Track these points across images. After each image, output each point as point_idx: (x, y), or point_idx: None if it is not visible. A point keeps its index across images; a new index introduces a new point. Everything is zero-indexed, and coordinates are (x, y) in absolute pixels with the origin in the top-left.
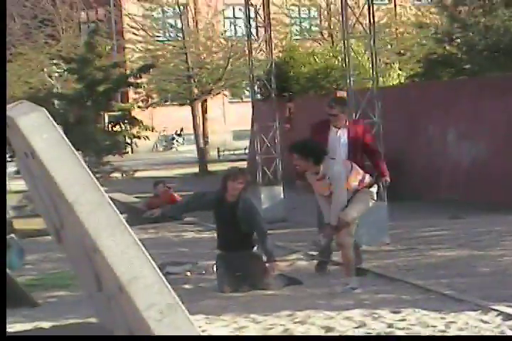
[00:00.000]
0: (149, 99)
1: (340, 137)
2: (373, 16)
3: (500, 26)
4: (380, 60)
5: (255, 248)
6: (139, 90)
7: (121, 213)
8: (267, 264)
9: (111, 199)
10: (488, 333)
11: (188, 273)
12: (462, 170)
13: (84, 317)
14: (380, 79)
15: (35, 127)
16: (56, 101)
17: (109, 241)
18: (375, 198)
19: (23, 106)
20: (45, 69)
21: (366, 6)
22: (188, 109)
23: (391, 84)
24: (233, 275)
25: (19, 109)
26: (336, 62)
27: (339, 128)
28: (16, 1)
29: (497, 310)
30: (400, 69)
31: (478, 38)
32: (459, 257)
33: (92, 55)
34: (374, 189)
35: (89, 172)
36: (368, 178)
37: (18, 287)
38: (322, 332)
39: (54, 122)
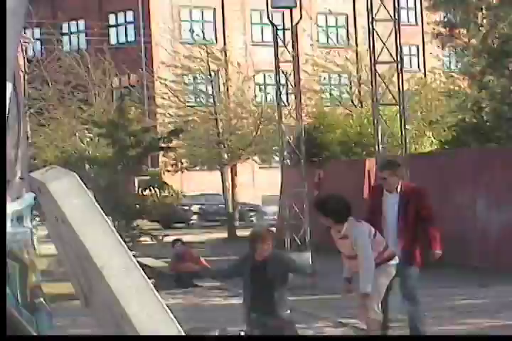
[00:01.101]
0: (179, 164)
1: (392, 202)
2: (402, 84)
3: None
4: (410, 128)
5: (289, 311)
6: (169, 154)
7: (149, 278)
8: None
9: (139, 263)
10: None
11: None
12: (492, 238)
13: None
14: (413, 146)
15: (66, 192)
16: (87, 166)
17: (138, 308)
18: (393, 272)
19: (54, 171)
20: (77, 134)
21: (395, 74)
22: (217, 174)
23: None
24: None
25: (50, 173)
26: (369, 129)
27: (391, 193)
28: (50, 67)
29: None
30: (434, 138)
31: (506, 106)
32: (491, 326)
33: (122, 119)
34: (394, 261)
35: (119, 237)
36: (388, 251)
37: None
38: None
39: (85, 187)
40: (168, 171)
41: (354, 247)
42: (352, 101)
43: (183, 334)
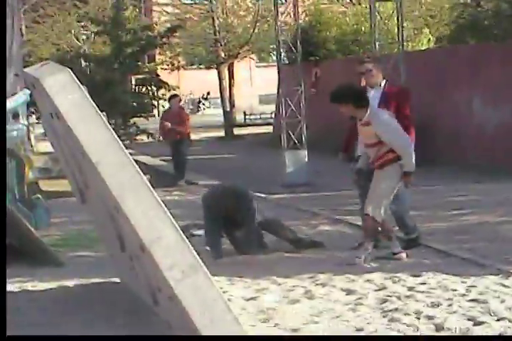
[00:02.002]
0: (175, 62)
1: (373, 97)
2: None
3: None
4: (407, 24)
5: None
6: (166, 53)
7: (145, 174)
8: None
9: (136, 161)
10: (508, 297)
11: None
12: (488, 135)
13: (108, 276)
14: (410, 44)
15: (61, 88)
16: (83, 63)
17: (132, 202)
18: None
19: (48, 67)
20: (72, 31)
21: None
22: (214, 72)
23: (421, 49)
24: None
25: (45, 69)
26: (366, 27)
27: (372, 87)
28: None
29: None
30: (431, 35)
31: (506, 3)
32: (481, 222)
33: (120, 17)
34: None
35: (114, 133)
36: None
37: (44, 246)
38: (343, 295)
39: (79, 83)
40: (165, 69)
41: (379, 134)
42: None
43: (177, 227)
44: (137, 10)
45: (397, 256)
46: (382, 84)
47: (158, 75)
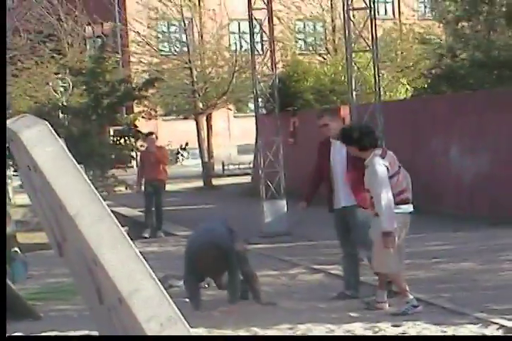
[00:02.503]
0: (152, 113)
1: (338, 148)
2: (375, 31)
3: (501, 42)
4: (384, 74)
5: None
6: (144, 103)
7: (123, 226)
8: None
9: (114, 212)
10: None
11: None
12: (465, 184)
13: (86, 330)
14: (388, 93)
15: (38, 140)
16: (61, 115)
17: (110, 254)
18: (403, 221)
19: (25, 120)
20: (50, 84)
21: (369, 21)
22: (192, 123)
23: (399, 98)
24: None
25: (22, 122)
26: (343, 78)
27: (337, 140)
28: (20, 17)
29: (497, 324)
30: (409, 84)
31: (480, 53)
32: (460, 271)
33: (99, 68)
34: (404, 208)
35: (91, 185)
36: (403, 195)
37: (21, 300)
38: None
39: (57, 135)
40: (144, 118)
41: (366, 181)
42: (326, 49)
43: (155, 279)
44: (115, 61)
45: (379, 306)
46: None
47: (136, 126)
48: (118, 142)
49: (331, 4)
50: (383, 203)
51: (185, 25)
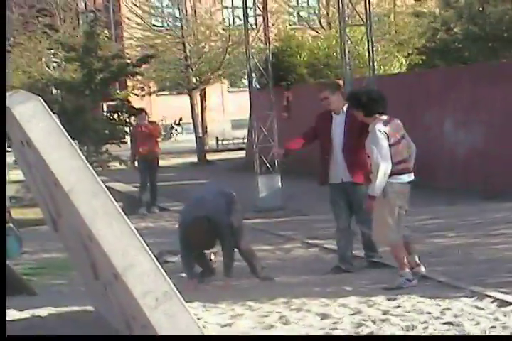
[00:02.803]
0: (146, 88)
1: (338, 123)
2: (369, 4)
3: (495, 15)
4: (378, 48)
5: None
6: (137, 78)
7: (118, 202)
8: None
9: (108, 188)
10: (482, 319)
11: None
12: (459, 158)
13: (81, 305)
14: (383, 67)
15: (31, 116)
16: (54, 91)
17: (105, 230)
18: (402, 190)
19: (19, 96)
20: (43, 59)
21: None
22: (186, 98)
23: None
24: None
25: (15, 98)
26: (337, 52)
27: (338, 114)
28: None
29: (492, 297)
30: (405, 59)
31: (474, 26)
32: (454, 245)
33: (92, 43)
34: (404, 177)
35: (86, 161)
36: (405, 164)
37: (16, 275)
38: (318, 319)
39: (50, 111)
40: (136, 95)
41: (367, 149)
42: (320, 23)
43: (150, 254)
44: (108, 36)
45: (416, 270)
46: (345, 109)
47: (129, 102)
48: (112, 117)
49: None
50: (377, 169)
51: None
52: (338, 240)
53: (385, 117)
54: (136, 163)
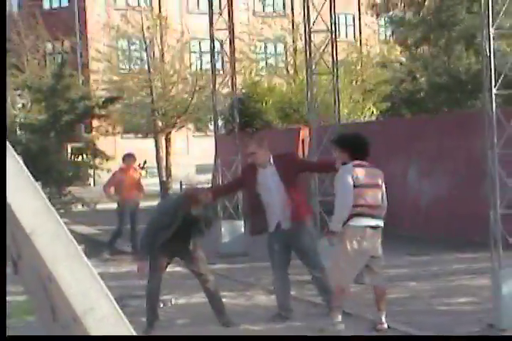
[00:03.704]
0: (111, 129)
1: (270, 174)
2: (336, 53)
3: (459, 65)
4: (348, 96)
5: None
6: (103, 121)
7: (80, 244)
8: None
9: (71, 230)
10: None
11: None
12: (423, 207)
13: None
14: (352, 116)
15: None
16: (18, 131)
17: (65, 272)
18: (362, 234)
19: None
20: (8, 100)
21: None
22: (151, 141)
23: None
24: None
25: None
26: (303, 97)
27: (264, 168)
28: None
29: None
30: (376, 107)
31: (439, 77)
32: (416, 294)
33: (60, 85)
34: (362, 220)
35: (48, 202)
36: (365, 207)
37: None
38: None
39: (14, 152)
40: (102, 135)
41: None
42: (287, 70)
43: (111, 298)
44: (75, 77)
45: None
46: (271, 161)
47: (94, 144)
48: (76, 159)
49: (293, 26)
50: (336, 204)
51: (145, 43)
52: (277, 288)
53: (364, 163)
54: (115, 204)
